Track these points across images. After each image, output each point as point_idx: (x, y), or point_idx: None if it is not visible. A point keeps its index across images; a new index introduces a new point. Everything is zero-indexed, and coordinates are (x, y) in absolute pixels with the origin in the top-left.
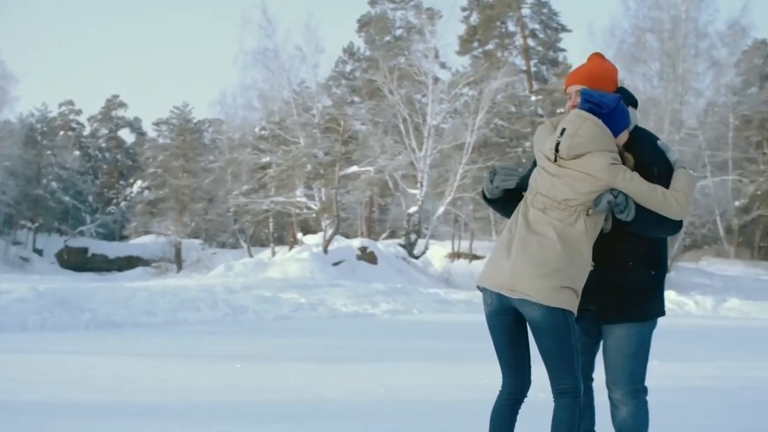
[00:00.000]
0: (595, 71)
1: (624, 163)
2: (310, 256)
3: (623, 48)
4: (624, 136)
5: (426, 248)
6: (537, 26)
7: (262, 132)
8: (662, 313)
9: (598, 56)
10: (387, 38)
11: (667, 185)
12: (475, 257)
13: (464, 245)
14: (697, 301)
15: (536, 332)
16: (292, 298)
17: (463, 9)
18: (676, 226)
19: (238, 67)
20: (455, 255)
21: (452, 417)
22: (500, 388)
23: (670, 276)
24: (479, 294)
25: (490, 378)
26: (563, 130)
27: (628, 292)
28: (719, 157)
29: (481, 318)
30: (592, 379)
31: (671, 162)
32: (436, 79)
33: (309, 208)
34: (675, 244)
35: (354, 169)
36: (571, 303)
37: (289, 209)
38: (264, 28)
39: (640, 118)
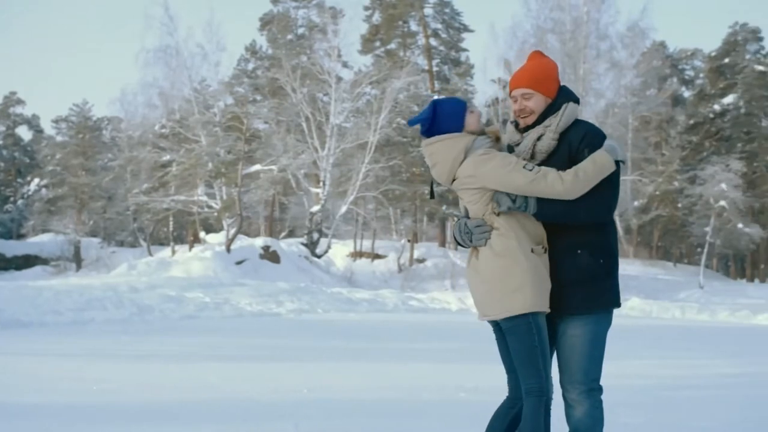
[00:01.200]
0: (537, 73)
1: (496, 138)
2: (213, 255)
3: (525, 49)
4: (471, 120)
5: (328, 247)
6: (439, 26)
7: (163, 130)
8: (615, 303)
9: (537, 55)
10: (289, 37)
11: None
12: (377, 256)
13: (366, 244)
14: None
15: (507, 338)
16: (197, 297)
17: (366, 8)
18: (595, 210)
19: (140, 65)
20: (357, 254)
21: (379, 416)
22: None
23: None
24: (382, 293)
25: (407, 377)
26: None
27: (577, 282)
28: (631, 156)
29: (387, 317)
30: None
31: (613, 143)
32: (339, 78)
33: (210, 207)
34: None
35: (257, 167)
36: (526, 304)
37: (190, 208)
38: (166, 25)
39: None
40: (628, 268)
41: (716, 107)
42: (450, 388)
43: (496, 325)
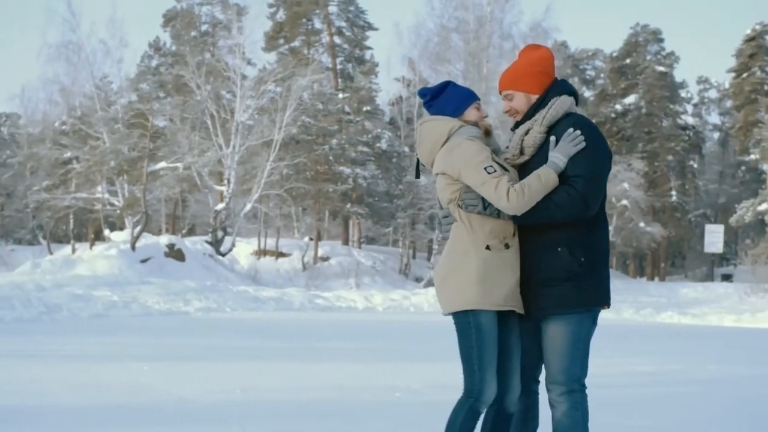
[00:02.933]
0: (514, 72)
1: (486, 132)
2: (119, 253)
3: (429, 47)
4: (471, 112)
5: (233, 245)
6: (344, 24)
7: (64, 127)
8: (598, 303)
9: (525, 51)
10: (193, 33)
11: (580, 164)
12: (281, 254)
13: (270, 243)
14: None
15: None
16: (104, 296)
17: (270, 5)
18: (571, 209)
19: (41, 61)
20: (261, 252)
21: (325, 417)
22: None
23: None
24: (288, 292)
25: (340, 377)
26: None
27: (555, 280)
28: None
29: (295, 315)
30: (538, 382)
31: (558, 155)
32: (244, 76)
33: (112, 205)
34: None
35: (162, 165)
36: (467, 301)
37: (92, 206)
38: (68, 21)
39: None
40: None
41: (618, 107)
42: (384, 388)
43: None
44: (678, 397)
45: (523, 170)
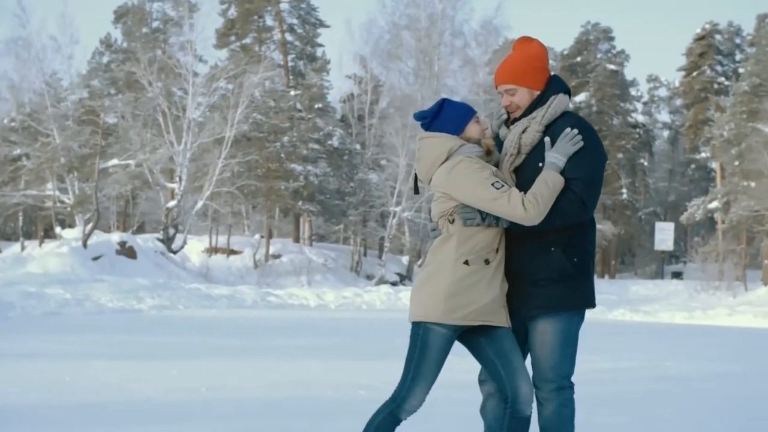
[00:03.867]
0: (519, 67)
1: (488, 151)
2: (70, 250)
3: (380, 45)
4: (473, 128)
5: (184, 243)
6: (295, 21)
7: (12, 124)
8: (587, 304)
9: (521, 43)
10: (145, 30)
11: (579, 167)
12: (233, 252)
13: (221, 240)
14: None
15: None
16: (57, 294)
17: (222, 2)
18: (569, 212)
19: None
20: (213, 250)
21: (293, 416)
22: None
23: None
24: (241, 289)
25: (302, 374)
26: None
27: (547, 280)
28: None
29: (249, 313)
30: None
31: (557, 155)
32: (195, 73)
33: (62, 202)
34: (429, 240)
35: (114, 162)
36: (422, 312)
37: (42, 203)
38: (18, 16)
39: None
40: None
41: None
42: (347, 386)
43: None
44: (643, 394)
45: (518, 170)
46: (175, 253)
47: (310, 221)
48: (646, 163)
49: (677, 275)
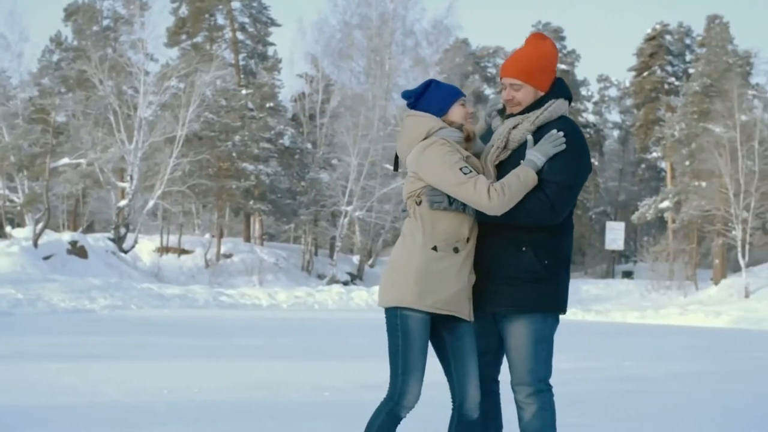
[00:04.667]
0: (530, 64)
1: (468, 137)
2: (20, 250)
3: (331, 44)
4: (456, 111)
5: (135, 242)
6: (247, 20)
7: None
8: (556, 308)
9: (536, 39)
10: (96, 28)
11: (558, 170)
12: (184, 251)
13: (172, 239)
14: None
15: None
16: (9, 294)
17: (173, 0)
18: (534, 213)
19: None
20: (164, 249)
21: (264, 418)
22: None
23: (374, 271)
24: (193, 289)
25: (266, 375)
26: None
27: (516, 279)
28: None
29: (202, 313)
30: (497, 382)
31: (537, 154)
32: (147, 72)
33: (12, 201)
34: (380, 239)
35: (65, 161)
36: (397, 298)
37: None
38: None
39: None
40: None
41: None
42: (311, 387)
43: None
44: (609, 395)
45: (501, 165)
46: (126, 252)
47: (261, 220)
48: (596, 163)
49: (628, 275)
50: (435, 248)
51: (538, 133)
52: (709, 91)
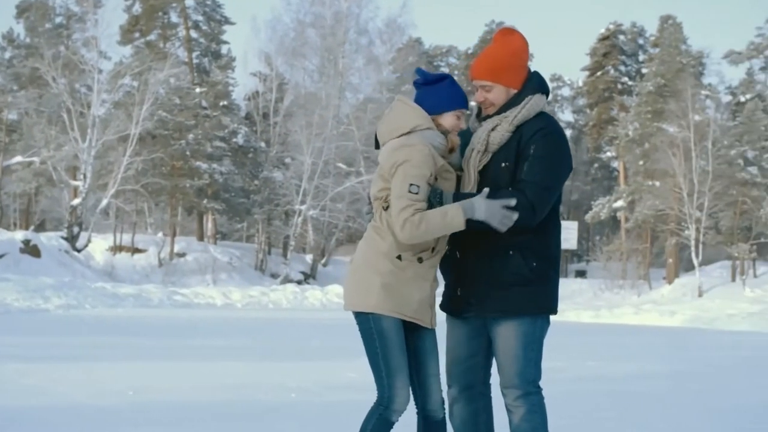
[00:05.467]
0: (497, 63)
1: (451, 149)
2: None
3: (285, 42)
4: (449, 118)
5: (88, 241)
6: (200, 18)
7: None
8: (546, 310)
9: (503, 36)
10: (48, 25)
11: (538, 171)
12: (137, 250)
13: (126, 238)
14: None
15: None
16: None
17: None
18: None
19: None
20: (117, 248)
21: (231, 419)
22: None
23: (327, 270)
24: (147, 288)
25: (230, 376)
26: None
27: (505, 283)
28: (374, 153)
29: (157, 312)
30: (488, 385)
31: (481, 207)
32: (100, 70)
33: None
34: (333, 238)
35: (17, 159)
36: (367, 303)
37: None
38: None
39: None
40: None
41: (472, 104)
42: (277, 388)
43: None
44: (578, 396)
45: (483, 168)
46: (79, 251)
47: (214, 219)
48: None
49: (581, 274)
50: (400, 257)
51: (518, 131)
52: (663, 91)
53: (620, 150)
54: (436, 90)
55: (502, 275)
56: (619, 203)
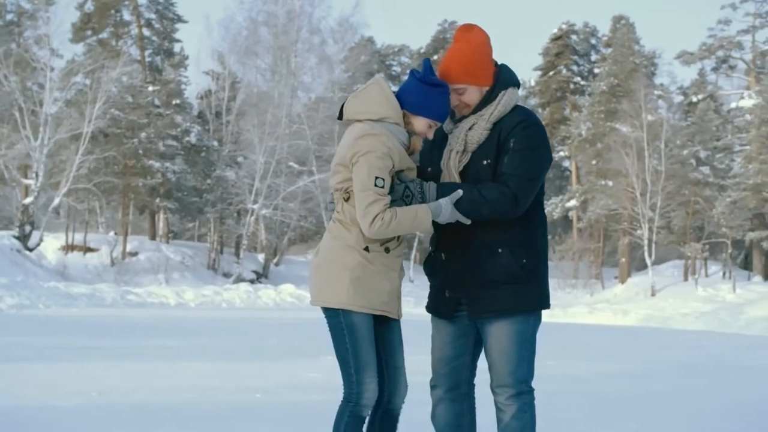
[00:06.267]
0: (467, 65)
1: (412, 151)
2: None
3: (238, 41)
4: (421, 123)
5: (40, 240)
6: (153, 16)
7: None
8: (540, 306)
9: (465, 34)
10: None
11: (520, 163)
12: (90, 249)
13: (78, 237)
14: None
15: None
16: None
17: None
18: (500, 206)
19: None
20: (69, 247)
21: (181, 420)
22: None
23: (280, 270)
24: (100, 288)
25: (192, 377)
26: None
27: (496, 283)
28: (326, 152)
29: (111, 312)
30: (473, 385)
31: (445, 207)
32: (52, 68)
33: None
34: (285, 237)
35: None
36: (337, 299)
37: None
38: None
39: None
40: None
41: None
42: (240, 389)
43: None
44: (539, 396)
45: (463, 168)
46: (31, 250)
47: (166, 218)
48: None
49: None
50: (367, 249)
51: (496, 127)
52: (616, 90)
53: (573, 149)
54: (427, 92)
55: (493, 275)
56: (572, 203)
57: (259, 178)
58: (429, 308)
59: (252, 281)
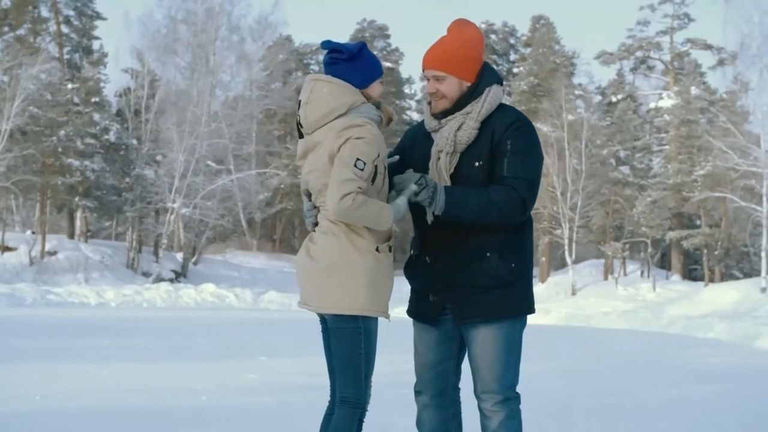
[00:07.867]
0: (452, 53)
1: (388, 120)
2: None
3: (157, 39)
4: (377, 87)
5: None
6: (71, 13)
7: None
8: (528, 310)
9: (458, 26)
10: None
11: (522, 166)
12: (7, 248)
13: None
14: (237, 293)
15: (331, 338)
16: None
17: None
18: (508, 210)
19: None
20: None
21: (131, 424)
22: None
23: (198, 269)
24: (19, 287)
25: (137, 378)
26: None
27: (484, 287)
28: (244, 150)
29: (32, 312)
30: (458, 390)
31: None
32: None
33: None
34: (203, 236)
35: None
36: (356, 305)
37: None
38: None
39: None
40: (253, 261)
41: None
42: (184, 391)
43: (323, 320)
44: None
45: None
46: None
47: (84, 217)
48: None
49: None
50: (378, 249)
51: (484, 126)
52: (537, 90)
53: None
54: (361, 62)
55: (481, 278)
56: None
57: (179, 176)
58: (410, 312)
59: (171, 280)
